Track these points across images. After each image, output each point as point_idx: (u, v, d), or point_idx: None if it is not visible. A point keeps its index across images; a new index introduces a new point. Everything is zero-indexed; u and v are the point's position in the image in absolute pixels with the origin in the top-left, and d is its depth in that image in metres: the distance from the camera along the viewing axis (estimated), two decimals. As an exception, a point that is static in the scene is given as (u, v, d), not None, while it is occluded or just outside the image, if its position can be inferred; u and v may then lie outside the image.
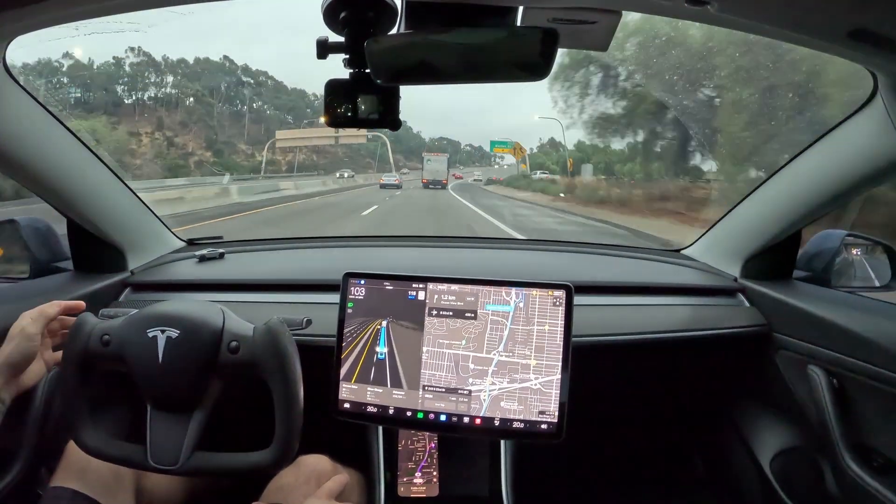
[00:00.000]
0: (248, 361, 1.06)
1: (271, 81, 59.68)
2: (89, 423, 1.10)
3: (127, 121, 42.78)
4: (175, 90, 49.27)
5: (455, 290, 1.30)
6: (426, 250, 2.11)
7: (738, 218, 1.73)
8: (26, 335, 1.06)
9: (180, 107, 47.23)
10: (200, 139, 43.79)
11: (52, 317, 1.11)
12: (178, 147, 41.05)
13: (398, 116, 1.03)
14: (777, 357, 1.52)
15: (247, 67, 56.68)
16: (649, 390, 1.79)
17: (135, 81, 45.37)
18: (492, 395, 1.27)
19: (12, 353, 1.05)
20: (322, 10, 0.92)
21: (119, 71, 44.16)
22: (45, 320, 1.10)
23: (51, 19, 0.95)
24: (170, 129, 44.06)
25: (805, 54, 6.15)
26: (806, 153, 1.43)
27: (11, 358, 1.05)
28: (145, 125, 43.72)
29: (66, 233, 1.62)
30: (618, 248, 2.06)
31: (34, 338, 1.07)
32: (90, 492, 1.18)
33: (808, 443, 1.49)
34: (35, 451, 1.27)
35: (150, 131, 42.71)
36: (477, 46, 0.89)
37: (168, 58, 47.64)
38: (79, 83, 41.13)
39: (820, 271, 1.60)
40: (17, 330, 1.07)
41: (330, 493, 1.21)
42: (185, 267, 1.79)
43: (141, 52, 43.71)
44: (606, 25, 0.95)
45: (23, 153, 1.28)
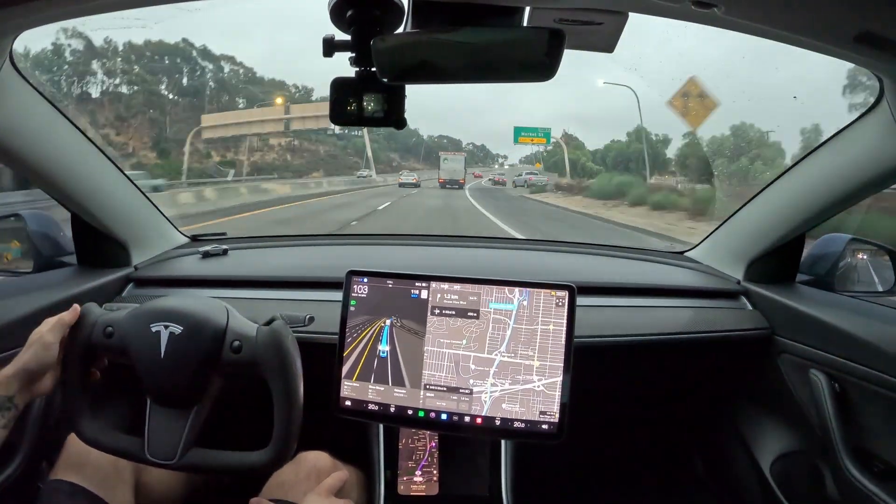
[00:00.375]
0: (250, 361, 1.06)
1: (241, 69, 50.19)
2: (88, 413, 1.11)
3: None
4: (119, 79, 42.06)
5: (458, 290, 1.30)
6: (429, 249, 2.11)
7: (741, 221, 1.73)
8: (44, 343, 1.06)
9: (123, 99, 40.64)
10: (144, 136, 40.22)
11: (70, 322, 1.11)
12: (117, 147, 37.08)
13: (403, 115, 1.03)
14: (779, 360, 1.52)
15: (206, 50, 46.94)
16: (651, 392, 1.79)
17: (74, 70, 40.88)
18: (493, 396, 1.27)
19: (29, 360, 1.05)
20: (329, 8, 0.92)
21: (58, 59, 39.79)
22: (64, 328, 1.10)
23: (56, 14, 0.96)
24: (109, 126, 38.30)
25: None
26: (811, 156, 1.43)
27: (28, 365, 1.04)
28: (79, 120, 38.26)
29: (69, 227, 1.63)
30: (621, 249, 2.06)
31: (52, 346, 1.07)
32: (89, 485, 1.18)
33: (808, 447, 1.48)
34: (36, 445, 1.28)
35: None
36: (483, 46, 0.90)
37: (112, 41, 41.19)
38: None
39: (823, 275, 1.59)
40: (35, 337, 1.07)
41: (329, 490, 1.22)
42: (188, 263, 1.79)
43: (82, 35, 38.51)
44: (613, 27, 0.96)
45: (28, 148, 1.29)
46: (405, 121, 1.03)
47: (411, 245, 2.18)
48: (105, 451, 1.10)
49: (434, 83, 0.97)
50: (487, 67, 0.93)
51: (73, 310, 1.12)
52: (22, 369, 1.04)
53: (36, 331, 1.08)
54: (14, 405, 1.03)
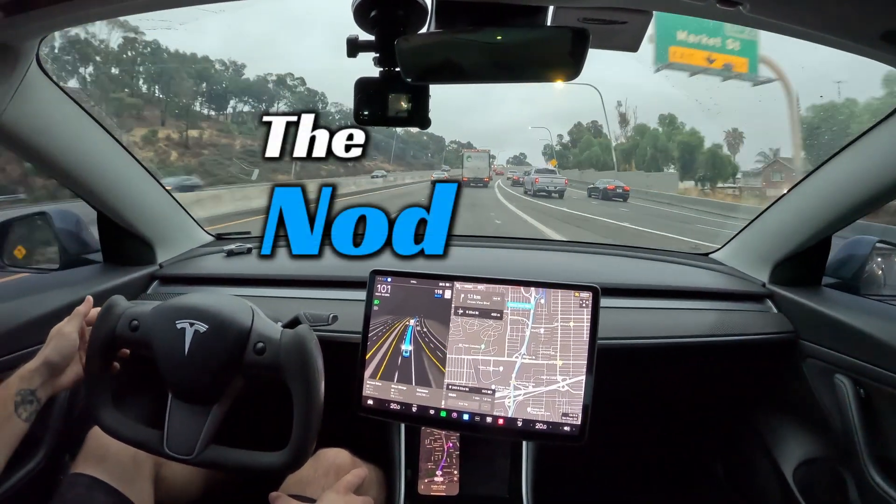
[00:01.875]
0: (272, 364, 1.06)
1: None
2: (109, 403, 1.12)
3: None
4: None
5: (481, 290, 1.30)
6: (453, 249, 2.11)
7: (767, 222, 1.71)
8: (63, 334, 1.08)
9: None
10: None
11: (86, 313, 1.13)
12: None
13: (427, 114, 1.03)
14: (804, 365, 1.50)
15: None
16: (673, 395, 1.78)
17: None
18: (517, 400, 1.26)
19: (51, 353, 1.07)
20: (352, 8, 0.93)
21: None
22: (81, 318, 1.12)
23: (81, 17, 0.98)
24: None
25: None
26: (837, 158, 1.42)
27: (50, 358, 1.07)
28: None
29: (95, 226, 1.65)
30: (645, 250, 2.05)
31: (71, 336, 1.09)
32: (109, 478, 1.20)
33: (832, 453, 1.46)
34: (59, 439, 1.30)
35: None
36: (507, 46, 0.90)
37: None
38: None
39: (849, 278, 1.57)
40: (55, 331, 1.09)
41: (348, 487, 1.22)
42: (213, 261, 1.81)
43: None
44: (637, 26, 0.95)
45: (56, 148, 1.31)
46: (430, 120, 1.03)
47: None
48: (124, 441, 1.11)
49: (458, 83, 0.98)
50: (511, 67, 0.93)
51: (86, 301, 1.15)
52: (44, 363, 1.06)
53: (56, 326, 1.10)
54: (36, 399, 1.05)
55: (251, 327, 1.07)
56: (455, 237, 2.28)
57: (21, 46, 1.07)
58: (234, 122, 41.44)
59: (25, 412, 1.03)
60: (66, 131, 1.33)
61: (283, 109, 43.12)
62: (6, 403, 1.01)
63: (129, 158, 1.55)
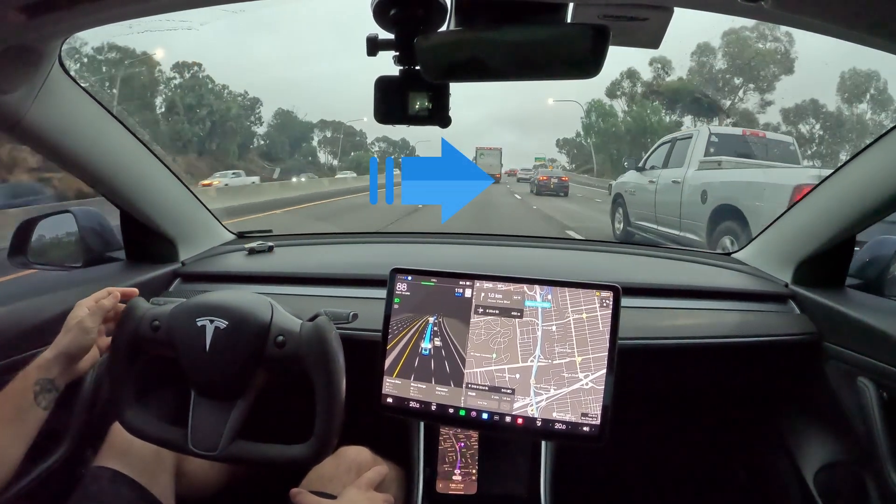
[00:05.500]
0: (294, 356, 1.07)
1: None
2: (134, 403, 1.14)
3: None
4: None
5: (502, 289, 1.29)
6: (472, 248, 2.11)
7: (790, 222, 1.69)
8: (84, 328, 1.09)
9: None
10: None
11: (108, 309, 1.15)
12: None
13: (448, 113, 1.03)
14: (826, 367, 1.47)
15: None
16: (693, 396, 1.76)
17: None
18: (540, 406, 1.25)
19: (70, 344, 1.08)
20: (371, 7, 0.93)
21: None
22: (103, 313, 1.14)
23: (104, 18, 0.98)
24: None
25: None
26: (861, 156, 1.39)
27: (69, 349, 1.08)
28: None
29: (118, 224, 1.67)
30: (666, 249, 2.04)
31: (91, 331, 1.10)
32: (131, 472, 1.21)
33: (854, 457, 1.44)
34: (82, 432, 1.32)
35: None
36: (527, 43, 0.89)
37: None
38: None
39: (874, 279, 1.54)
40: (74, 321, 1.10)
41: (369, 483, 1.23)
42: (234, 259, 1.83)
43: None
44: (658, 22, 0.94)
45: (79, 147, 1.33)
46: (450, 119, 1.03)
47: (455, 244, 2.18)
48: (149, 441, 1.13)
49: (479, 81, 0.97)
50: (531, 65, 0.92)
51: (110, 295, 1.16)
52: (62, 353, 1.08)
53: (72, 314, 1.11)
54: (55, 387, 1.07)
55: (271, 321, 1.09)
56: (474, 236, 2.30)
57: (44, 48, 1.09)
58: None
59: (45, 400, 1.05)
60: (89, 130, 1.35)
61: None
62: (26, 393, 1.03)
63: (152, 157, 1.57)
